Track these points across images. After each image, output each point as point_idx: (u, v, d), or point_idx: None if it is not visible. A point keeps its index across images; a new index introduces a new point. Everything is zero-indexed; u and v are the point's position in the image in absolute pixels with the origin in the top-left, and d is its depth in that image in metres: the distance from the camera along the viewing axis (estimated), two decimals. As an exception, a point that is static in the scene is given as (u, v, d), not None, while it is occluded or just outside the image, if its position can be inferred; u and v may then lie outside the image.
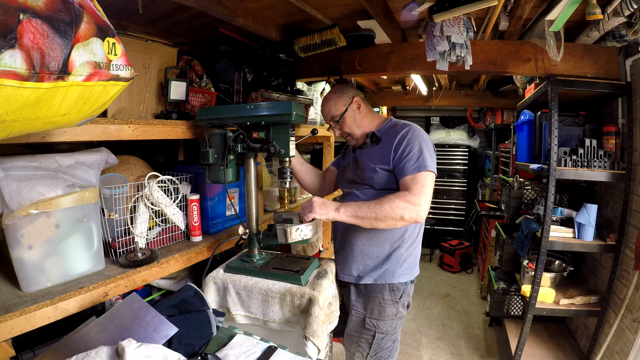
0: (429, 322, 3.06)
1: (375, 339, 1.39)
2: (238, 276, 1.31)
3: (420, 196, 1.21)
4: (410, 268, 1.42)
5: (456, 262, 4.22)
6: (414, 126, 1.36)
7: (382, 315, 1.39)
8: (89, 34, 0.65)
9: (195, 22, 1.81)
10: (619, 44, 1.80)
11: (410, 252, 1.41)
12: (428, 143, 1.31)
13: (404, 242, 1.38)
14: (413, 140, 1.30)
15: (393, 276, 1.38)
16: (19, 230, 0.93)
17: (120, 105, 1.29)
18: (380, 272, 1.38)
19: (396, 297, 1.39)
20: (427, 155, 1.27)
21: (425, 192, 1.23)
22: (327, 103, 1.47)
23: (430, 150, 1.31)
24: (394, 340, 1.43)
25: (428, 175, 1.25)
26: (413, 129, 1.34)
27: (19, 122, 0.64)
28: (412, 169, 1.26)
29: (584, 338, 2.35)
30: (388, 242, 1.38)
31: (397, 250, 1.38)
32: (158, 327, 0.94)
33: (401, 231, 1.38)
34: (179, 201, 1.37)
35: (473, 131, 4.98)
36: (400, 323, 1.44)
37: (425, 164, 1.25)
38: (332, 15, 1.86)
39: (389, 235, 1.38)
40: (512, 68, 1.94)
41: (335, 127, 1.48)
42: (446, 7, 1.41)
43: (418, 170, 1.25)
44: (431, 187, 1.26)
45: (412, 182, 1.24)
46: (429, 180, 1.25)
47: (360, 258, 1.41)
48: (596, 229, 2.01)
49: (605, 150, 1.97)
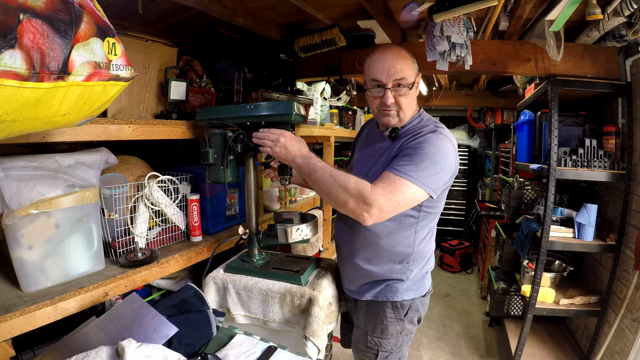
0: (429, 322, 3.06)
1: (378, 358, 1.25)
2: (238, 276, 1.31)
3: (378, 197, 0.99)
4: (417, 284, 1.24)
5: (456, 262, 4.22)
6: (444, 133, 1.12)
7: (384, 334, 1.23)
8: (89, 34, 0.65)
9: (195, 22, 1.81)
10: (619, 44, 1.80)
11: (419, 271, 1.23)
12: (446, 158, 1.07)
13: (410, 262, 1.20)
14: (425, 143, 1.07)
15: (396, 293, 1.20)
16: (19, 230, 0.93)
17: (120, 105, 1.29)
18: (380, 288, 1.22)
19: (400, 314, 1.22)
20: (429, 169, 1.03)
21: (391, 198, 1.00)
22: (401, 60, 1.14)
23: (442, 167, 1.06)
24: (400, 357, 1.29)
25: (406, 185, 1.01)
26: (439, 135, 1.10)
27: (19, 122, 0.64)
28: (397, 168, 1.04)
29: (584, 338, 2.35)
30: (391, 262, 1.20)
31: (402, 271, 1.21)
32: (158, 327, 0.94)
33: (408, 251, 1.19)
34: (179, 201, 1.37)
35: (473, 131, 4.98)
36: (407, 339, 1.28)
37: (414, 174, 1.02)
38: (332, 15, 1.86)
39: (393, 254, 1.20)
40: (512, 68, 1.94)
41: (395, 92, 1.14)
42: (446, 7, 1.41)
43: (402, 174, 1.02)
44: (405, 200, 1.02)
45: (385, 180, 1.02)
46: (405, 191, 1.01)
47: (360, 274, 1.25)
48: (596, 229, 2.01)
49: (605, 150, 1.97)
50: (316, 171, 1.07)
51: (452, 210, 4.97)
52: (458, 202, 4.95)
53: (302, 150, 1.12)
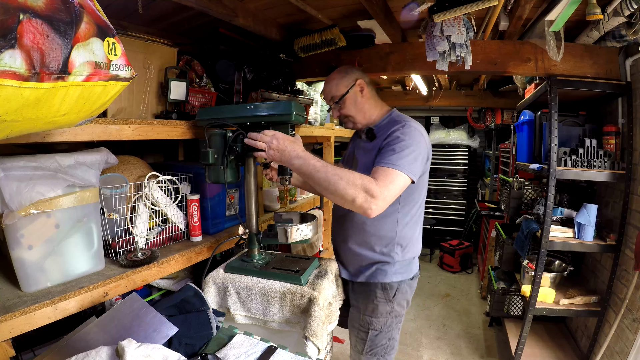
0: (429, 322, 3.06)
1: (369, 336, 1.39)
2: (238, 276, 1.31)
3: (383, 190, 1.10)
4: (404, 267, 1.40)
5: (456, 262, 4.22)
6: (412, 124, 1.28)
7: (375, 313, 1.39)
8: (89, 34, 0.64)
9: (195, 22, 1.81)
10: (619, 44, 1.80)
11: (405, 253, 1.39)
12: (419, 145, 1.22)
13: (394, 245, 1.36)
14: (401, 136, 1.22)
15: (385, 275, 1.37)
16: (19, 230, 0.93)
17: (120, 105, 1.29)
18: (371, 271, 1.38)
19: (389, 295, 1.38)
20: (410, 156, 1.18)
21: (390, 189, 1.12)
22: (329, 82, 1.42)
23: (418, 153, 1.21)
24: (390, 339, 1.42)
25: (399, 175, 1.14)
26: (409, 126, 1.25)
27: (19, 122, 0.64)
28: (388, 161, 1.16)
29: (584, 338, 2.35)
30: (378, 245, 1.37)
31: (389, 254, 1.37)
32: (158, 327, 0.94)
33: (391, 235, 1.35)
34: (179, 201, 1.37)
35: (473, 131, 4.98)
36: (396, 321, 1.42)
37: (400, 163, 1.15)
38: (332, 15, 1.86)
39: (379, 239, 1.36)
40: (512, 68, 1.94)
41: (335, 108, 1.42)
42: (446, 7, 1.41)
43: (393, 166, 1.15)
44: (399, 188, 1.16)
45: (382, 173, 1.14)
46: (398, 180, 1.14)
47: (352, 258, 1.43)
48: (596, 229, 2.01)
49: (605, 150, 1.97)
50: (318, 171, 1.10)
51: (452, 210, 4.97)
52: (458, 202, 4.95)
53: (297, 151, 1.12)
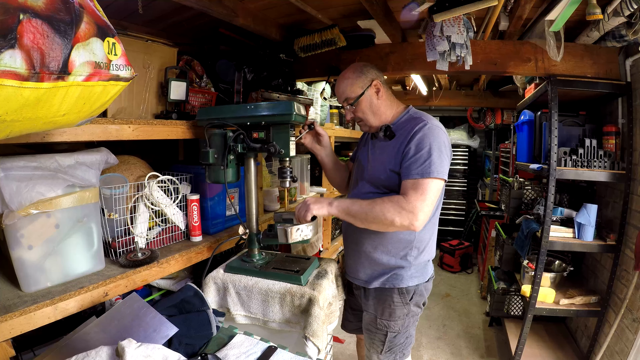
0: (429, 322, 3.06)
1: (387, 337, 1.38)
2: (238, 276, 1.31)
3: (416, 203, 1.14)
4: (420, 271, 1.37)
5: (456, 262, 4.21)
6: (432, 123, 1.25)
7: (392, 316, 1.37)
8: (89, 34, 0.64)
9: (195, 22, 1.81)
10: (619, 44, 1.80)
11: (421, 258, 1.36)
12: (441, 144, 1.21)
13: (412, 249, 1.33)
14: (425, 139, 1.20)
15: (402, 280, 1.34)
16: (19, 230, 0.93)
17: (120, 105, 1.29)
18: (387, 276, 1.35)
19: (406, 299, 1.36)
20: (436, 159, 1.18)
21: (425, 199, 1.15)
22: (343, 82, 1.35)
23: (443, 153, 1.20)
24: (408, 337, 1.42)
25: (432, 182, 1.16)
26: (429, 127, 1.23)
27: (19, 122, 0.64)
28: (415, 172, 1.18)
29: (584, 338, 2.35)
30: (395, 250, 1.33)
31: (405, 258, 1.34)
32: (158, 327, 0.94)
33: (410, 238, 1.32)
34: (179, 201, 1.37)
35: (473, 131, 4.98)
36: (413, 320, 1.41)
37: (430, 170, 1.16)
38: (332, 15, 1.86)
39: (395, 243, 1.33)
40: (512, 68, 1.94)
41: (349, 110, 1.37)
42: (446, 7, 1.41)
43: (421, 175, 1.17)
44: (434, 194, 1.18)
45: (412, 187, 1.17)
46: (432, 187, 1.16)
47: (367, 263, 1.38)
48: (596, 229, 2.00)
49: (605, 150, 1.97)
50: (351, 207, 1.22)
51: (452, 210, 4.97)
52: (458, 202, 4.95)
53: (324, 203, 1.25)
